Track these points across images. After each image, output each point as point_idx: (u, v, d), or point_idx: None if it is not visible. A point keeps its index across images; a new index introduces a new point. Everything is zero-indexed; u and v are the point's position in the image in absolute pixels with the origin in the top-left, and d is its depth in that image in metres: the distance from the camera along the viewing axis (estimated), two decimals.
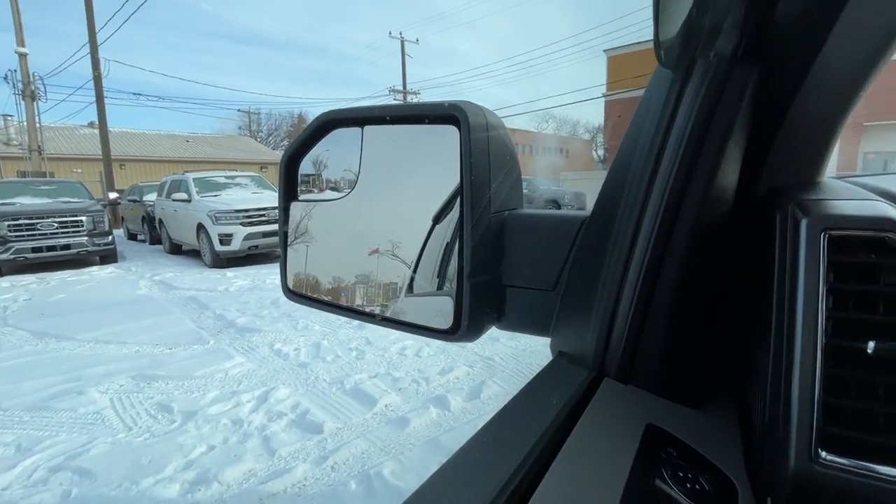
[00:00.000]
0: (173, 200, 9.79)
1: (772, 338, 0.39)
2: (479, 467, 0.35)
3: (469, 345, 4.12)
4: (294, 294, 0.61)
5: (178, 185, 10.00)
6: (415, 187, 0.57)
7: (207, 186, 9.71)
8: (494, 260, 0.55)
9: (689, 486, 0.36)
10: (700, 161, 0.43)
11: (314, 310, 0.63)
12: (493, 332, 0.59)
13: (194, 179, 9.77)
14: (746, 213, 0.49)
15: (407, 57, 30.80)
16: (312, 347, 4.34)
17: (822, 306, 0.35)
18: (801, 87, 0.44)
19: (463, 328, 0.52)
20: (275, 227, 5.93)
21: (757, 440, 0.41)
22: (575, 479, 0.34)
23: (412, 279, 0.55)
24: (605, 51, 28.35)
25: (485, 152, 0.50)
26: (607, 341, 0.49)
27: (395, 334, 4.52)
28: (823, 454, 0.33)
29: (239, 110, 45.84)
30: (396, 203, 0.58)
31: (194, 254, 9.82)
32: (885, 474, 0.32)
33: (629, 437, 0.40)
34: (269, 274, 7.96)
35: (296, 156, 0.59)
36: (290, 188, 0.61)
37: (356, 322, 5.02)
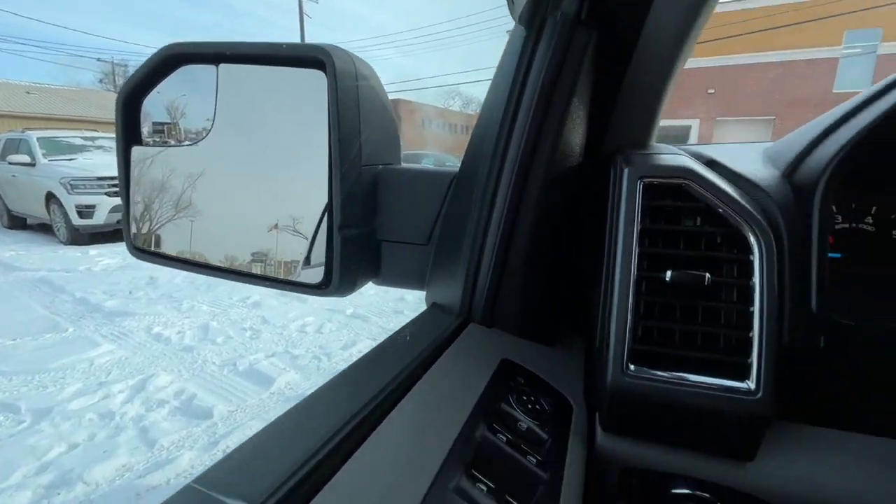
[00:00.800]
0: (10, 164, 8.07)
1: (603, 274, 0.45)
2: (332, 401, 0.35)
3: (374, 318, 4.10)
4: (141, 251, 0.55)
5: (17, 146, 8.25)
6: (289, 137, 0.54)
7: (58, 148, 8.15)
8: (368, 214, 0.55)
9: (530, 406, 0.41)
10: (549, 118, 0.47)
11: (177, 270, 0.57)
12: (403, 300, 0.59)
13: (39, 139, 8.14)
14: (594, 171, 0.55)
15: (306, 17, 28.50)
16: (199, 329, 3.98)
17: (635, 244, 0.41)
18: (634, 53, 0.49)
19: (335, 282, 0.51)
20: None
21: (591, 365, 0.48)
22: (428, 405, 0.37)
23: (310, 249, 0.52)
24: (508, 32, 29.15)
25: (354, 101, 0.49)
26: (473, 289, 0.52)
27: (293, 312, 4.32)
28: (632, 367, 0.40)
29: (99, 59, 38.74)
30: (271, 155, 0.54)
31: (46, 229, 8.28)
32: (678, 378, 0.40)
33: (484, 369, 0.43)
34: None
35: (135, 93, 0.52)
36: (130, 131, 0.53)
37: (251, 300, 4.69)
